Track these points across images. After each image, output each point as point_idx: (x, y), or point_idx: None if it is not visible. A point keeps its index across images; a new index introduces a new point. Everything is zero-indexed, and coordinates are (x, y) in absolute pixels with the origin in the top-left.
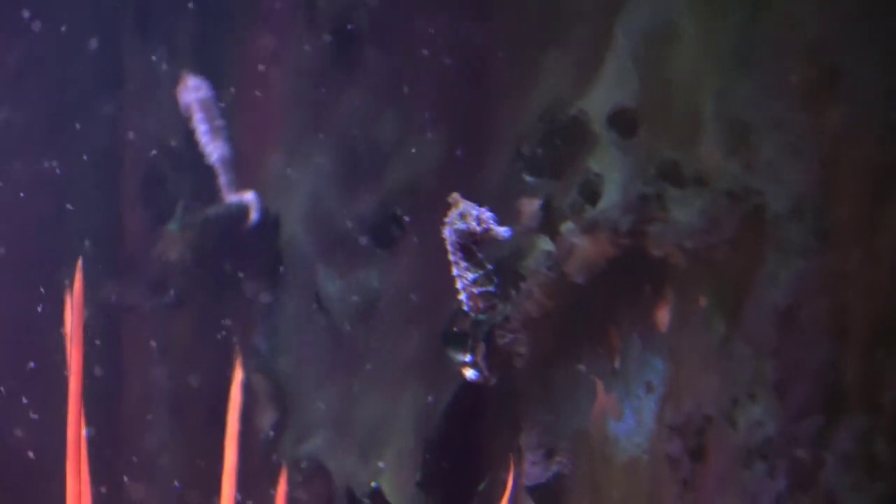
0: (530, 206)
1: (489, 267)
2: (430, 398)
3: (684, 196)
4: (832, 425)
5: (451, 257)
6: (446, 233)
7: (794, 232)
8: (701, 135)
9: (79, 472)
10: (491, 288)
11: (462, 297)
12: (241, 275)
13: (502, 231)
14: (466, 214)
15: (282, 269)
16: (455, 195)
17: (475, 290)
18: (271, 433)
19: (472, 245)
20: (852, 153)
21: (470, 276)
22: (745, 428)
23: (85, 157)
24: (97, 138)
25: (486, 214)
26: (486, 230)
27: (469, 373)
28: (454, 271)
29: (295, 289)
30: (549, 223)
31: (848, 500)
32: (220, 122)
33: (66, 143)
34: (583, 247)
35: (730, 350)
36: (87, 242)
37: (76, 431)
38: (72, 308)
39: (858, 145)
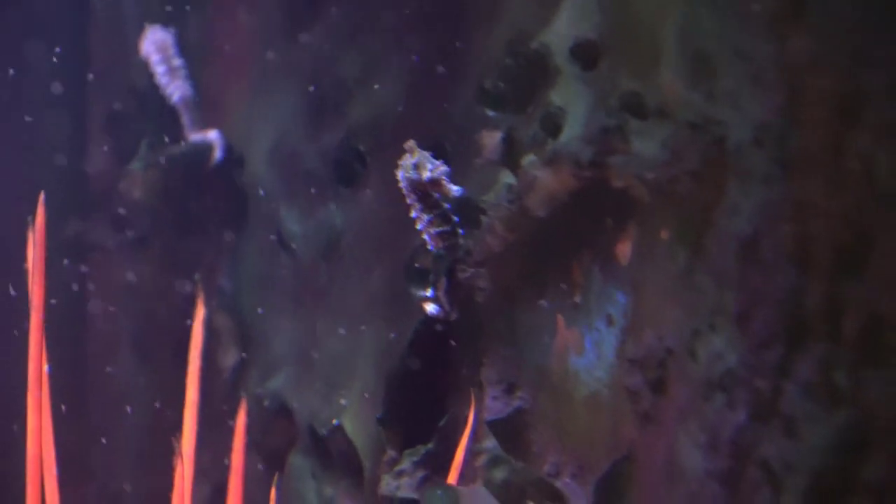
0: (492, 139)
1: (446, 206)
2: (392, 334)
3: (646, 128)
4: (793, 355)
5: (407, 200)
6: (399, 175)
7: (756, 161)
8: (663, 66)
9: (40, 408)
10: (448, 227)
11: (424, 236)
12: (204, 213)
13: (454, 190)
14: (422, 166)
15: (245, 207)
16: (411, 143)
17: (433, 230)
18: (234, 372)
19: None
20: (816, 81)
21: (426, 217)
22: (706, 360)
23: (49, 97)
24: (62, 78)
25: (441, 169)
26: (438, 186)
27: (430, 307)
28: (412, 213)
29: (258, 227)
30: (510, 156)
31: (808, 430)
32: (178, 62)
33: (31, 83)
34: (544, 179)
35: (691, 282)
36: (51, 180)
37: (38, 367)
38: (34, 243)
39: (822, 73)
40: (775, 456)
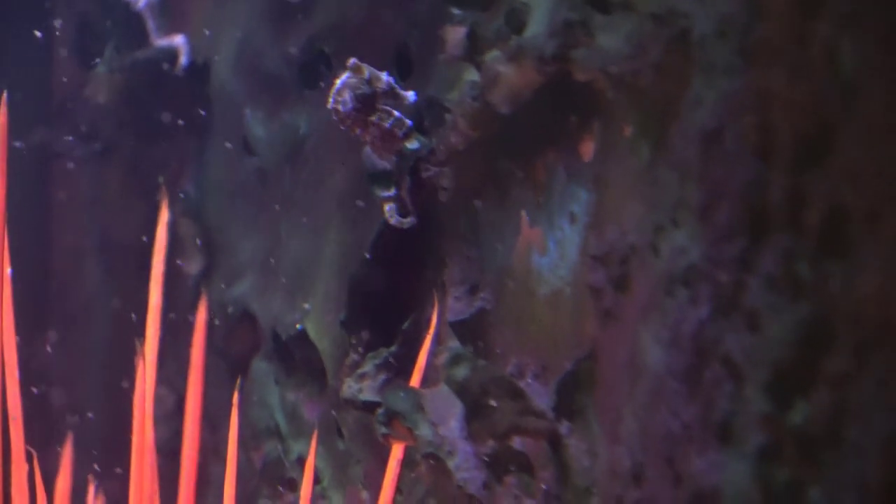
0: (455, 34)
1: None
2: (355, 237)
3: (610, 22)
4: (755, 247)
5: (344, 125)
6: (344, 98)
7: (719, 53)
8: None
9: (2, 311)
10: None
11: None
12: (169, 118)
13: (409, 95)
14: (375, 78)
15: (210, 112)
16: (354, 60)
17: (391, 128)
18: (198, 278)
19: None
20: None
21: (384, 125)
22: (669, 255)
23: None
24: None
25: (391, 79)
26: (394, 94)
27: (388, 207)
28: (356, 131)
29: (223, 132)
30: (474, 53)
31: (770, 322)
32: None
33: None
34: (507, 75)
35: (654, 176)
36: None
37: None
38: None
39: None
40: (737, 350)
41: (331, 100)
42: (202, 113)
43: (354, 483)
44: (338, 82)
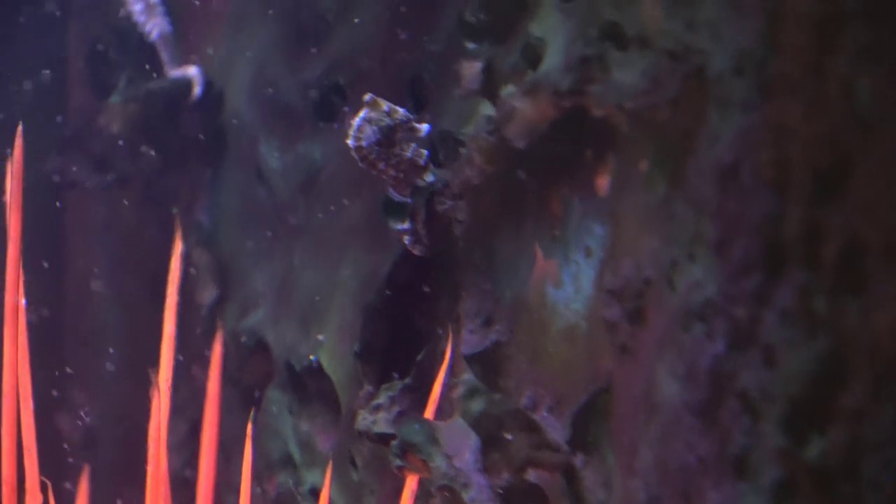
0: (471, 69)
1: (413, 145)
2: (369, 268)
3: (626, 58)
4: (772, 282)
5: (365, 162)
6: (368, 132)
7: (735, 88)
8: None
9: (16, 340)
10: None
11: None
12: (183, 148)
13: (423, 127)
14: (394, 110)
15: (224, 142)
16: (371, 95)
17: (412, 157)
18: (212, 308)
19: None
20: (795, 5)
21: (406, 155)
22: (685, 289)
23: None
24: (43, 14)
25: (406, 111)
26: (409, 126)
27: (410, 239)
28: (380, 166)
29: (237, 163)
30: (490, 87)
31: (786, 357)
32: (155, 0)
33: (8, 18)
34: (523, 109)
35: (670, 211)
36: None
37: (13, 300)
38: (11, 176)
39: None
40: (754, 385)
41: (351, 139)
42: (216, 143)
43: None
44: (356, 120)
